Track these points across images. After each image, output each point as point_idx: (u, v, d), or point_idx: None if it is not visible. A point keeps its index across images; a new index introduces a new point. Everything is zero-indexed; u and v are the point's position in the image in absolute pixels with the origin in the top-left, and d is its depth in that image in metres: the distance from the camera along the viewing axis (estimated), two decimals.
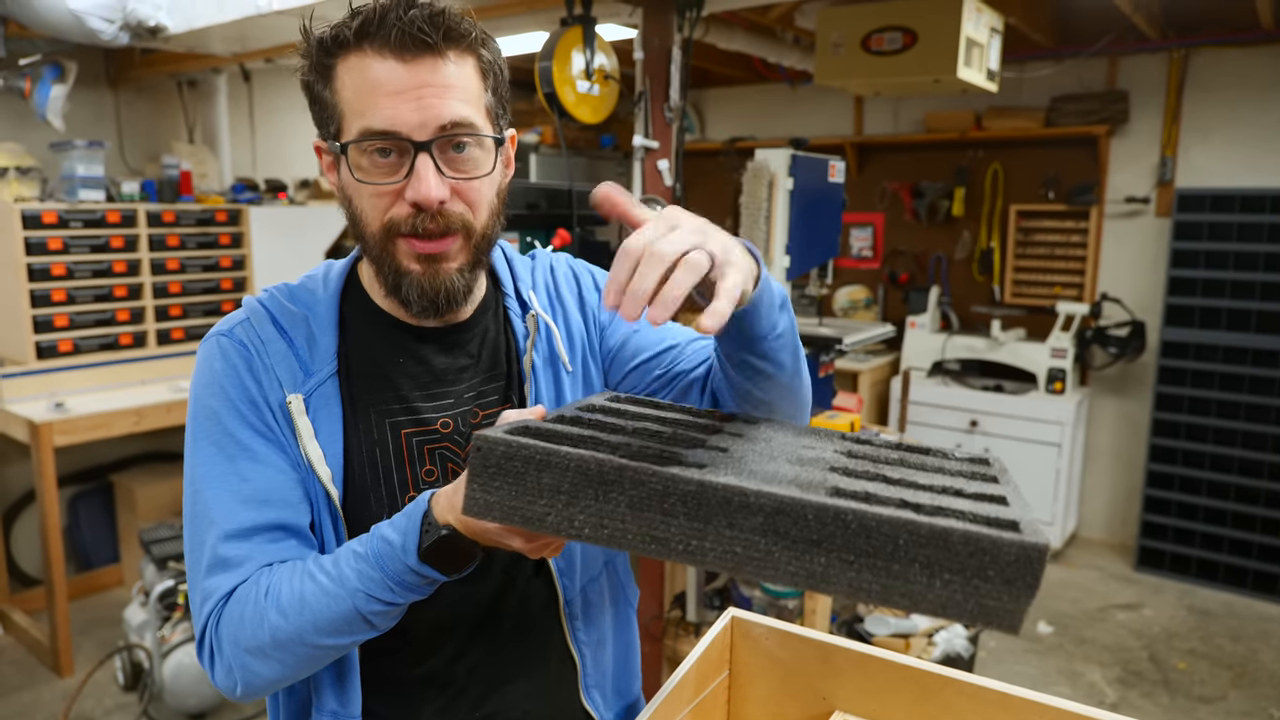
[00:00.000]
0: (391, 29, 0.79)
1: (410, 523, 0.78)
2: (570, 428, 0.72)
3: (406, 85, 0.80)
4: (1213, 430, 3.99)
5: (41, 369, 3.30)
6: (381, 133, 0.81)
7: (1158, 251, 4.28)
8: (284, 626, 0.81)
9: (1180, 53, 4.09)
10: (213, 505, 0.86)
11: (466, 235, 0.87)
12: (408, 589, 0.80)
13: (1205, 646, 3.51)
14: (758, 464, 0.67)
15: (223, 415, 0.88)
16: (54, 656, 3.17)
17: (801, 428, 0.87)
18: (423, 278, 0.87)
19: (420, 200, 0.82)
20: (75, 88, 3.40)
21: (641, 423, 0.78)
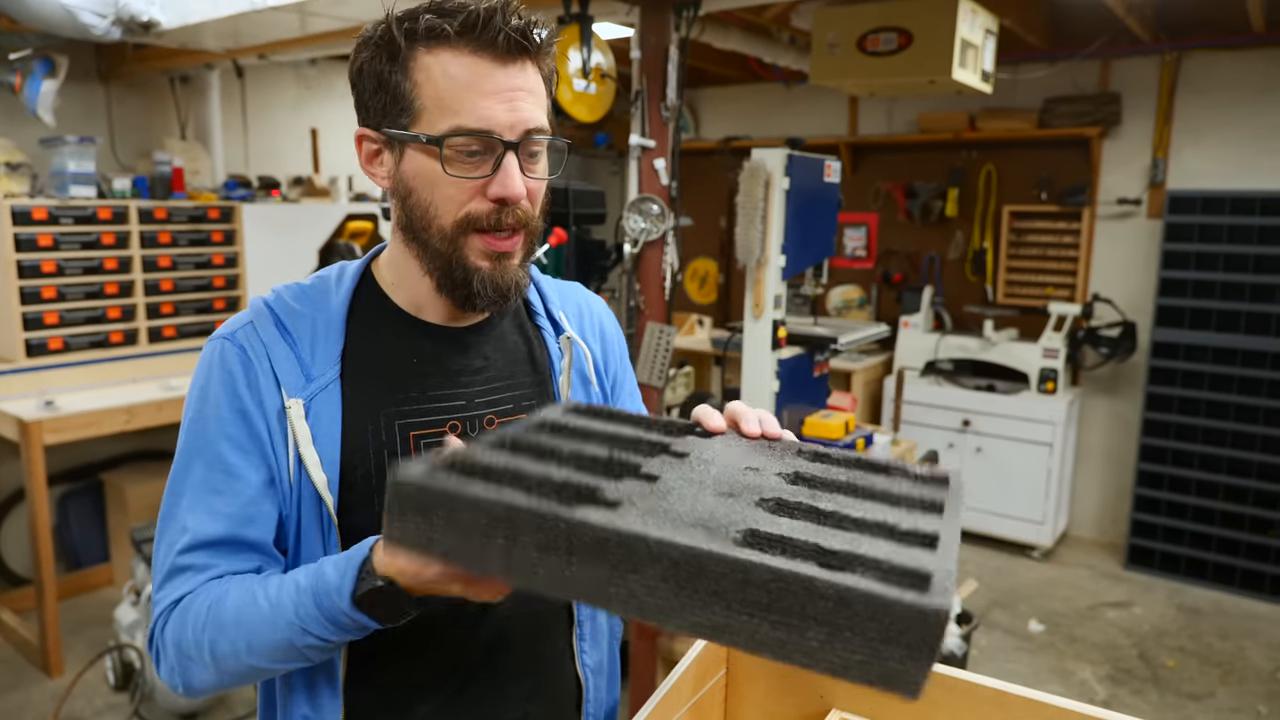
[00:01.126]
0: (498, 33, 0.83)
1: (349, 565, 0.78)
2: (503, 457, 0.69)
3: (502, 87, 0.84)
4: (1202, 430, 4.02)
5: (31, 366, 3.28)
6: (477, 131, 0.84)
7: (1149, 253, 4.30)
8: (221, 643, 0.83)
9: (1172, 55, 4.11)
10: (184, 512, 0.88)
11: (529, 233, 0.92)
12: (342, 630, 0.79)
13: (1194, 644, 3.54)
14: (681, 499, 0.65)
15: (209, 425, 0.89)
16: (44, 656, 3.14)
17: (758, 442, 0.84)
18: (492, 273, 0.90)
19: (509, 196, 0.86)
20: (66, 83, 3.38)
21: (586, 444, 0.75)
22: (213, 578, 0.86)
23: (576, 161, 6.17)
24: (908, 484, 0.76)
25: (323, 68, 4.68)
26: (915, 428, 4.48)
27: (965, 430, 4.39)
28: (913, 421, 4.50)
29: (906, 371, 4.58)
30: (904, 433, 4.42)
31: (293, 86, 4.62)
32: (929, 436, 4.42)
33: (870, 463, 0.80)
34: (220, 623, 0.82)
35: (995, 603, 3.86)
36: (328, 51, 3.70)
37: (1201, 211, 3.95)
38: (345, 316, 0.94)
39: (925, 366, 4.58)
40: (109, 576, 3.85)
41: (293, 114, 4.63)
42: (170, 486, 0.90)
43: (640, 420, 0.87)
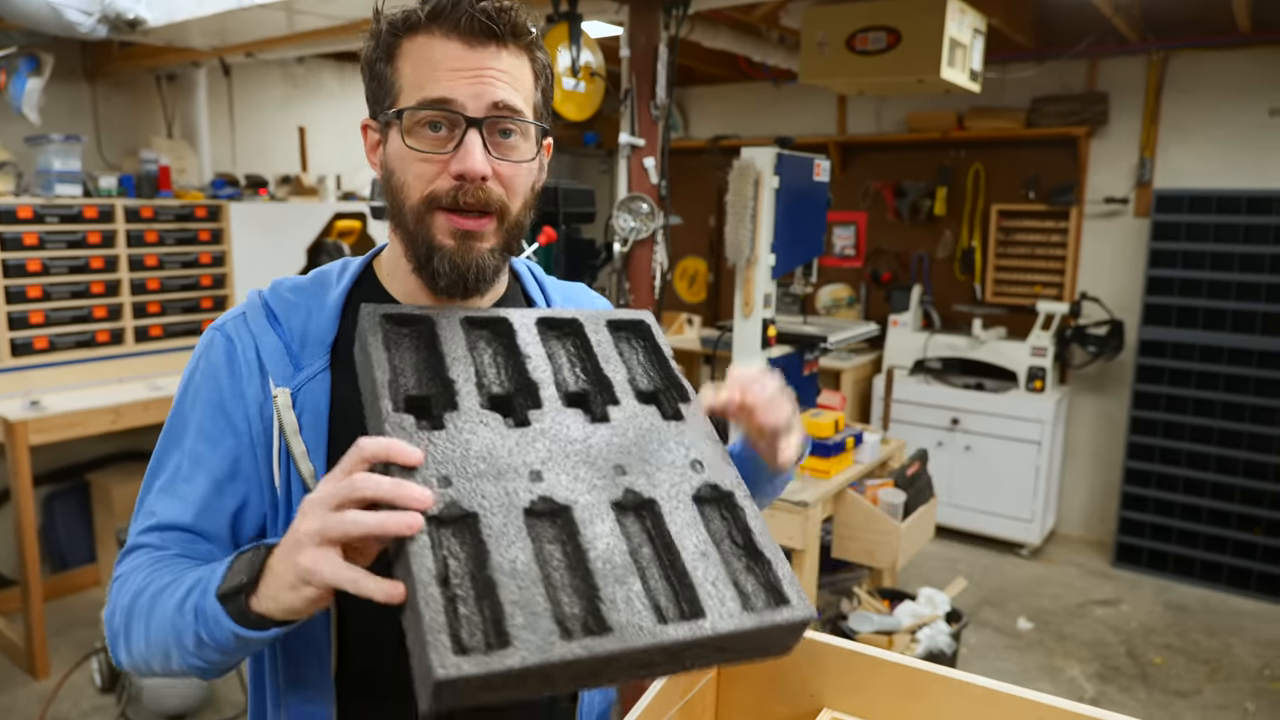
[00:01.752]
0: (462, 15, 0.84)
1: (229, 559, 0.78)
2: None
3: (467, 64, 0.85)
4: (1189, 428, 4.05)
5: (16, 366, 3.25)
6: (437, 100, 0.85)
7: (1136, 251, 4.32)
8: (134, 625, 0.83)
9: (1159, 55, 4.14)
10: (153, 496, 0.91)
11: (501, 218, 0.90)
12: (209, 626, 0.76)
13: (1181, 641, 3.56)
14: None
15: (186, 414, 0.92)
16: (29, 658, 3.12)
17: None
18: (455, 253, 0.88)
19: (466, 171, 0.85)
20: (52, 81, 3.35)
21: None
22: (165, 555, 0.87)
23: (566, 160, 6.16)
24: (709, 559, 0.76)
25: (310, 66, 4.66)
26: (904, 426, 4.49)
27: (954, 429, 4.40)
28: (902, 420, 4.51)
29: (895, 370, 4.59)
30: (893, 431, 4.43)
31: (280, 85, 4.59)
32: (918, 435, 4.43)
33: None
34: (137, 605, 0.83)
35: (984, 601, 3.87)
36: (315, 49, 3.68)
37: (1188, 210, 3.98)
38: (341, 308, 0.95)
39: (914, 365, 4.60)
40: (95, 577, 3.82)
41: (280, 112, 4.61)
42: (148, 470, 0.93)
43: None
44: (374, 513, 0.66)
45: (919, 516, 2.65)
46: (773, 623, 0.69)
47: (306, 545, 0.68)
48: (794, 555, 2.46)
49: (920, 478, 2.71)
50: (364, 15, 3.04)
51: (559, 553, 0.70)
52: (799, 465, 1.03)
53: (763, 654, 0.73)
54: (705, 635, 0.66)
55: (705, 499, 0.78)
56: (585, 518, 0.71)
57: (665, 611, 0.68)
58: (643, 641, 0.64)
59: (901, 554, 2.50)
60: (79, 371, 3.43)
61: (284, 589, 0.71)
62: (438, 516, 0.68)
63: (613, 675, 0.66)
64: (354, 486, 0.67)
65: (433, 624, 0.61)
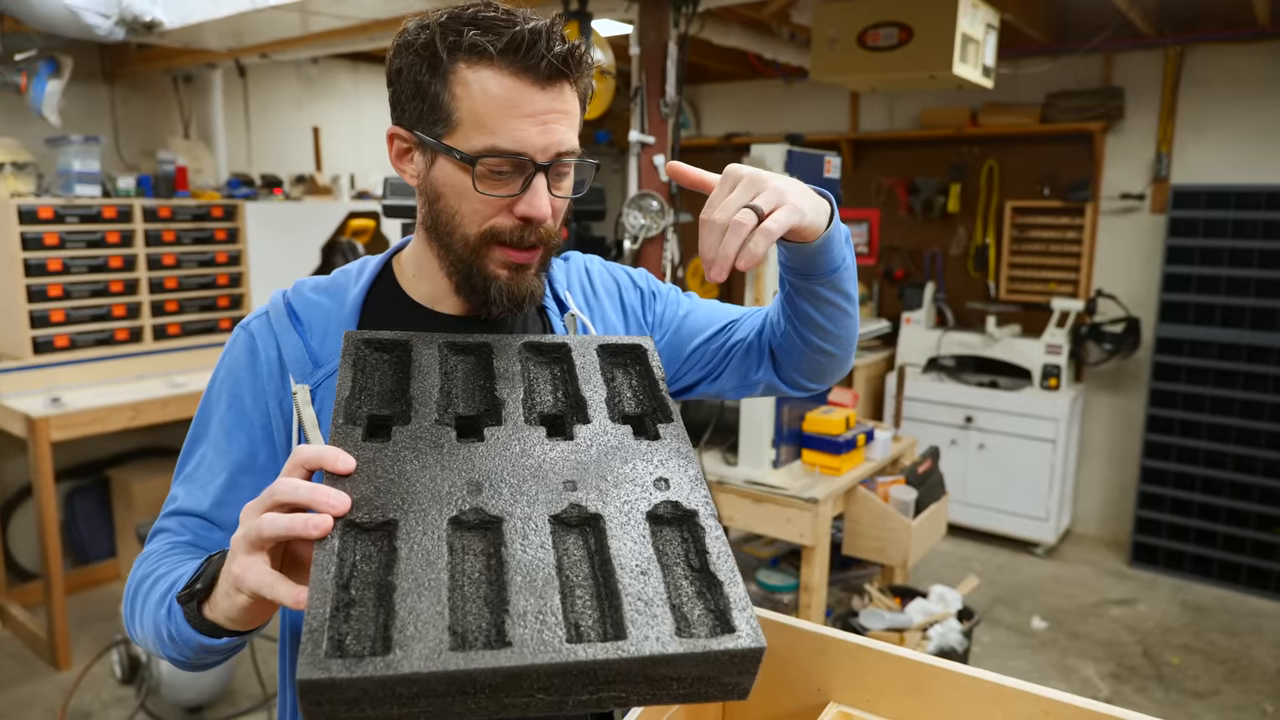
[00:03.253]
0: (540, 58, 0.83)
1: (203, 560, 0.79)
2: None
3: (539, 110, 0.85)
4: (1207, 426, 4.01)
5: (38, 364, 3.30)
6: (510, 153, 0.85)
7: (1152, 248, 4.29)
8: (135, 607, 0.87)
9: (1176, 49, 4.10)
10: (179, 483, 0.95)
11: (548, 248, 0.93)
12: (178, 626, 0.78)
13: (1199, 642, 3.53)
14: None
15: (213, 409, 0.96)
16: (52, 650, 3.17)
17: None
18: (510, 283, 0.91)
19: (535, 216, 0.87)
20: (71, 83, 3.39)
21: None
22: (178, 542, 0.91)
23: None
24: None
25: (324, 66, 4.69)
26: (918, 424, 4.48)
27: (968, 427, 4.38)
28: (915, 418, 4.50)
29: (909, 368, 4.58)
30: (907, 429, 4.42)
31: (295, 85, 4.63)
32: (932, 433, 4.42)
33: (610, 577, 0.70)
34: (139, 591, 0.86)
35: (998, 600, 3.86)
36: (329, 50, 3.71)
37: (1205, 206, 3.94)
38: (360, 307, 0.97)
39: (927, 363, 4.58)
40: (115, 571, 3.87)
41: (295, 112, 4.64)
42: (180, 457, 0.97)
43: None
44: (287, 515, 0.65)
45: (930, 514, 2.64)
46: (709, 650, 0.61)
47: (238, 552, 0.68)
48: (804, 552, 2.46)
49: (932, 475, 2.70)
50: (377, 16, 3.06)
51: (481, 565, 0.66)
52: (848, 245, 0.97)
53: (708, 692, 0.63)
54: (623, 658, 0.59)
55: (664, 518, 0.73)
56: (517, 531, 0.68)
57: (584, 632, 0.63)
58: (544, 659, 0.58)
59: (913, 551, 2.50)
60: (99, 369, 3.48)
61: (223, 596, 0.72)
62: (357, 523, 0.66)
63: (517, 701, 0.59)
64: (273, 492, 0.67)
65: (312, 624, 0.58)
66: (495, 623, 0.61)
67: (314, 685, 0.55)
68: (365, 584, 0.63)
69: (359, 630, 0.60)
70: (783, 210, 0.81)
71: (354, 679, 0.55)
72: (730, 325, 1.11)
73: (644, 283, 1.15)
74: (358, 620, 0.60)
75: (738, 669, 0.63)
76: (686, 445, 0.82)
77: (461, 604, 0.63)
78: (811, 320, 1.00)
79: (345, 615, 0.60)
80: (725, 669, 0.63)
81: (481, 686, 0.57)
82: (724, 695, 0.64)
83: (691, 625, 0.65)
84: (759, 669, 0.64)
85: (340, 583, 0.62)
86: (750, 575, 2.90)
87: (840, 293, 0.98)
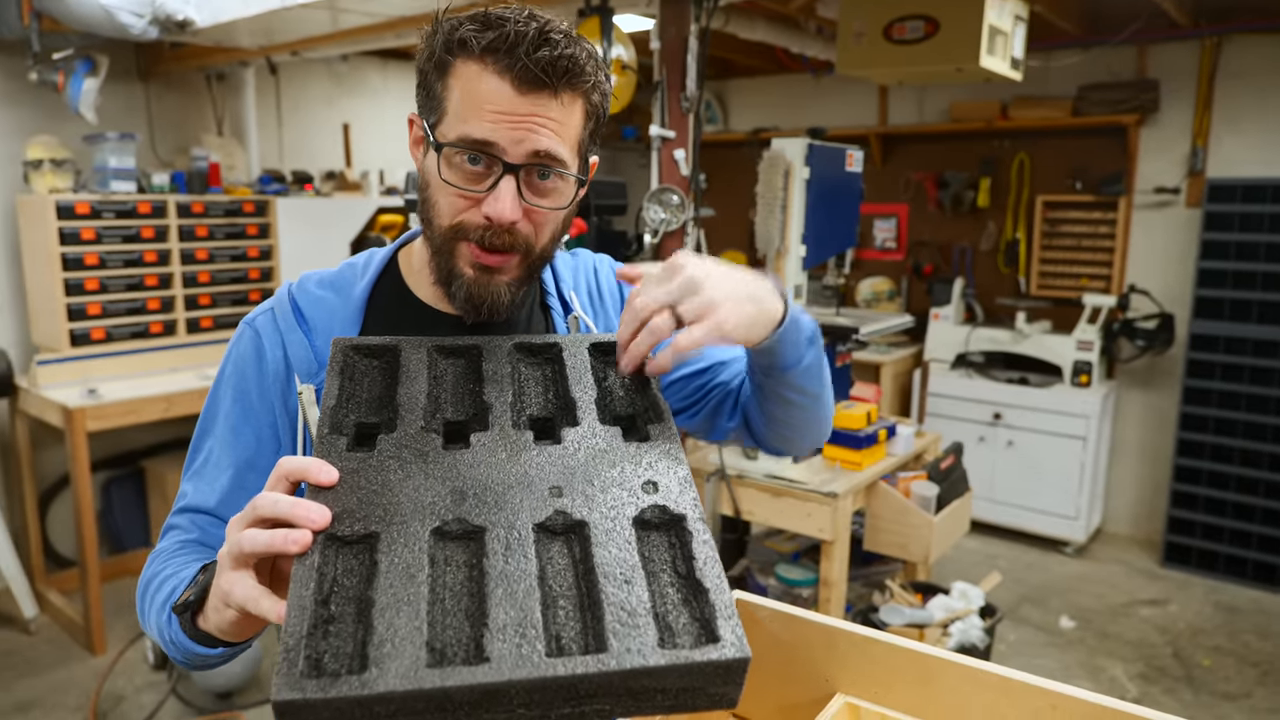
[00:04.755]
0: (517, 62, 0.81)
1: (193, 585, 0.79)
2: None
3: (514, 110, 0.83)
4: (1242, 425, 3.93)
5: (75, 356, 3.38)
6: (478, 142, 0.83)
7: (1187, 243, 4.21)
8: (143, 605, 0.89)
9: (1212, 40, 4.01)
10: (189, 479, 0.96)
11: (525, 255, 0.90)
12: (177, 631, 0.79)
13: (1231, 643, 3.47)
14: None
15: (219, 406, 0.96)
16: (87, 636, 3.25)
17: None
18: (473, 284, 0.89)
19: (495, 217, 0.85)
20: (107, 81, 3.46)
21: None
22: (187, 540, 0.92)
23: (605, 155, 6.18)
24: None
25: (354, 63, 4.74)
26: (945, 420, 4.44)
27: (996, 423, 4.33)
28: (943, 414, 4.46)
29: (936, 364, 4.54)
30: (935, 426, 4.38)
31: (325, 82, 4.69)
32: (959, 429, 4.38)
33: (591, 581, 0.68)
34: (147, 590, 0.88)
35: (1025, 598, 3.81)
36: (359, 47, 3.75)
37: (1242, 200, 3.86)
38: (364, 305, 0.96)
39: (956, 359, 4.53)
40: None
41: (325, 109, 4.70)
42: (188, 454, 0.99)
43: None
44: (267, 531, 0.65)
45: (953, 510, 2.62)
46: (692, 662, 0.60)
47: (225, 567, 0.68)
48: (823, 546, 2.45)
49: (955, 471, 2.68)
50: (405, 13, 3.09)
51: (463, 577, 0.65)
52: (810, 345, 0.94)
53: (694, 703, 0.62)
54: (603, 671, 0.58)
55: (651, 523, 0.72)
56: (499, 540, 0.66)
57: (566, 644, 0.62)
58: (522, 674, 0.57)
59: (934, 547, 2.48)
60: (134, 361, 3.56)
61: (213, 610, 0.72)
62: (339, 536, 0.65)
63: (497, 717, 0.58)
64: (255, 506, 0.67)
65: (289, 642, 0.57)
66: (474, 637, 0.60)
67: (289, 706, 0.54)
68: (345, 599, 0.62)
69: (337, 648, 0.59)
70: (700, 327, 0.79)
71: (329, 699, 0.54)
72: (718, 365, 1.07)
73: None
74: (336, 637, 0.59)
75: (722, 679, 0.62)
76: (676, 445, 0.80)
77: (441, 618, 0.61)
78: (770, 411, 0.99)
79: (324, 632, 0.59)
80: (710, 679, 0.62)
81: (460, 704, 0.56)
82: (710, 705, 0.63)
83: (675, 635, 0.63)
84: (745, 679, 0.62)
85: (320, 599, 0.61)
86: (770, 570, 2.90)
87: (796, 390, 0.95)
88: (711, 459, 2.61)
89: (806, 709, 0.94)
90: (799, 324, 0.91)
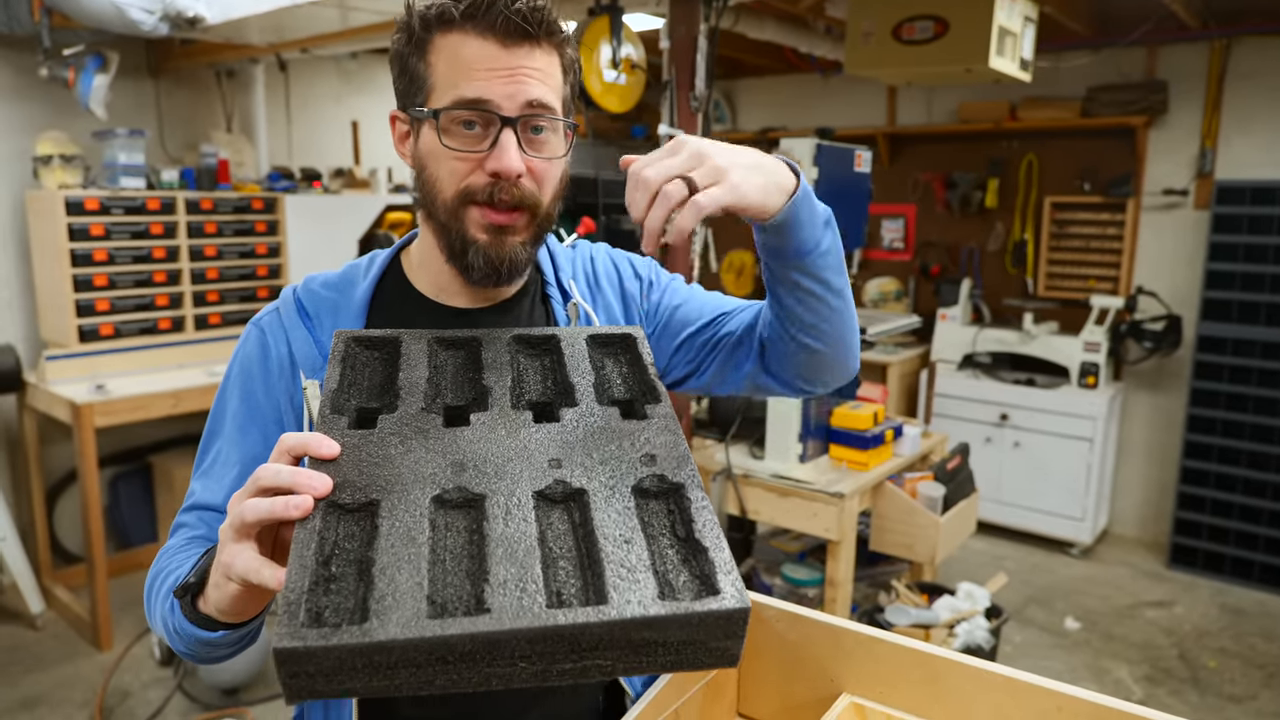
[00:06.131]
0: (498, 16, 0.84)
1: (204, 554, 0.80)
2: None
3: (502, 65, 0.85)
4: (1250, 427, 3.92)
5: (83, 352, 3.40)
6: (473, 101, 0.85)
7: (1195, 245, 4.19)
8: (151, 599, 0.89)
9: (1222, 42, 4.00)
10: (198, 477, 0.97)
11: (533, 213, 0.91)
12: (180, 618, 0.80)
13: (1237, 645, 3.46)
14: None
15: (227, 404, 0.98)
16: (94, 631, 3.27)
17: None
18: (489, 247, 0.90)
19: (502, 170, 0.86)
20: (117, 77, 3.48)
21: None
22: (194, 536, 0.93)
23: (613, 153, 6.19)
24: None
25: (363, 61, 4.75)
26: (952, 421, 4.43)
27: (1003, 424, 4.33)
28: (950, 415, 4.45)
29: (944, 365, 4.53)
30: (941, 426, 4.37)
31: (334, 80, 4.70)
32: (966, 430, 4.37)
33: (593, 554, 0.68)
34: (154, 586, 0.89)
35: (1031, 599, 3.81)
36: (368, 45, 3.76)
37: (1251, 202, 3.84)
38: (368, 302, 0.97)
39: (963, 360, 4.53)
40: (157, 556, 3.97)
41: (334, 107, 4.72)
42: (198, 451, 1.00)
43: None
44: (268, 499, 0.65)
45: (959, 511, 2.62)
46: (692, 612, 0.60)
47: (227, 541, 0.68)
48: (829, 546, 2.45)
49: (961, 471, 2.68)
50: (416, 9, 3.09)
51: (463, 541, 0.66)
52: (826, 229, 0.91)
53: (697, 657, 0.62)
54: (604, 620, 0.58)
55: (650, 491, 0.73)
56: (499, 506, 0.68)
57: (566, 600, 0.62)
58: (523, 624, 0.57)
59: (940, 548, 2.48)
60: (142, 357, 3.57)
61: (213, 587, 0.72)
62: (340, 504, 0.67)
63: (499, 670, 0.58)
64: (257, 478, 0.67)
65: (290, 597, 0.57)
66: (475, 592, 0.61)
67: (290, 654, 0.55)
68: (346, 561, 0.63)
69: (338, 604, 0.60)
70: (718, 188, 0.77)
71: (329, 647, 0.55)
72: (721, 317, 1.07)
73: (645, 271, 1.12)
74: (337, 594, 0.60)
75: (724, 632, 0.62)
76: (675, 424, 0.80)
77: (441, 576, 0.62)
78: (791, 311, 0.93)
79: (325, 589, 0.60)
80: (711, 632, 0.61)
81: (461, 655, 0.57)
82: (713, 662, 0.62)
83: (676, 590, 0.64)
84: (746, 633, 0.63)
85: (320, 559, 0.62)
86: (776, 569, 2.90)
87: (817, 280, 0.91)
88: (718, 458, 2.62)
89: (812, 708, 0.95)
90: (812, 201, 0.89)
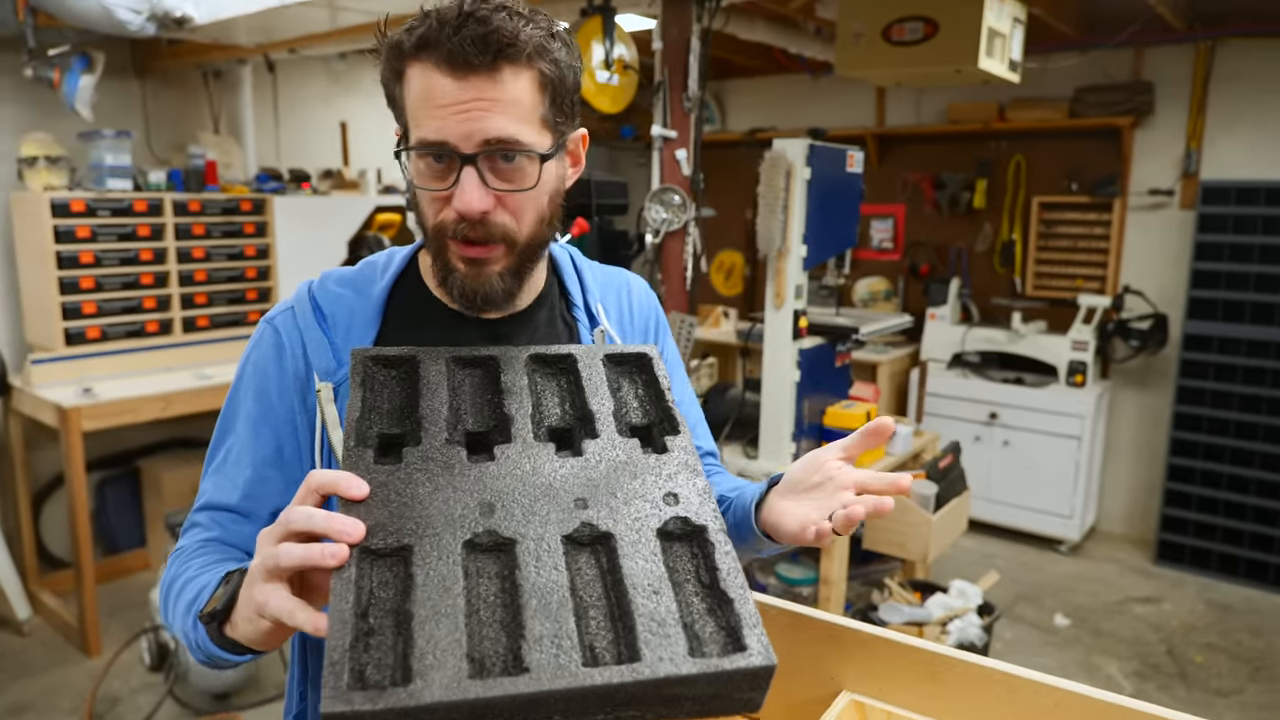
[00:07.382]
0: (443, 47, 0.81)
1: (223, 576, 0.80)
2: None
3: (455, 100, 0.82)
4: (1234, 424, 3.96)
5: (70, 355, 3.37)
6: (432, 143, 0.84)
7: (1181, 244, 4.23)
8: (167, 605, 0.89)
9: (1207, 44, 4.04)
10: (209, 476, 0.96)
11: (509, 245, 0.89)
12: (200, 635, 0.80)
13: (1224, 640, 3.49)
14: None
15: (240, 404, 0.97)
16: (82, 637, 3.24)
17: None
18: (466, 278, 0.90)
19: (462, 211, 0.85)
20: (103, 78, 3.45)
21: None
22: (208, 538, 0.92)
23: (603, 153, 6.19)
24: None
25: (352, 62, 4.73)
26: (942, 420, 4.45)
27: (992, 423, 4.35)
28: (939, 414, 4.47)
29: (933, 364, 4.55)
30: (931, 426, 4.39)
31: (323, 81, 4.68)
32: (955, 429, 4.39)
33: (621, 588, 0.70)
34: (171, 590, 0.88)
35: (1021, 596, 3.83)
36: (357, 46, 3.74)
37: (1235, 202, 3.88)
38: (384, 304, 0.97)
39: (952, 359, 4.55)
40: (145, 561, 3.95)
41: (323, 108, 4.69)
42: (209, 450, 0.98)
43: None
44: (303, 545, 0.65)
45: (951, 509, 2.63)
46: (721, 670, 0.63)
47: (257, 579, 0.68)
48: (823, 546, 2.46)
49: (953, 470, 2.69)
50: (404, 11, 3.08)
51: (496, 589, 0.67)
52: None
53: (721, 707, 0.65)
54: (639, 680, 0.60)
55: (674, 534, 0.74)
56: (529, 553, 0.68)
57: (600, 654, 0.64)
58: (561, 684, 0.59)
59: (933, 546, 2.49)
60: (130, 360, 3.54)
61: (244, 620, 0.72)
62: (373, 549, 0.67)
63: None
64: (289, 520, 0.67)
65: (333, 656, 0.58)
66: (512, 648, 0.62)
67: (339, 719, 0.56)
68: (383, 611, 0.64)
69: (379, 660, 0.61)
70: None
71: (377, 711, 0.56)
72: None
73: (663, 331, 1.14)
74: (377, 649, 0.61)
75: (749, 685, 0.64)
76: (694, 458, 0.82)
77: (478, 629, 0.64)
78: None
79: (365, 645, 0.61)
80: (738, 686, 0.64)
81: (500, 712, 0.59)
82: (736, 710, 0.66)
83: (704, 644, 0.66)
84: (770, 684, 0.65)
85: (359, 611, 0.63)
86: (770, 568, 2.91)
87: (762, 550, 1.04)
88: None
89: (813, 706, 0.95)
90: None
